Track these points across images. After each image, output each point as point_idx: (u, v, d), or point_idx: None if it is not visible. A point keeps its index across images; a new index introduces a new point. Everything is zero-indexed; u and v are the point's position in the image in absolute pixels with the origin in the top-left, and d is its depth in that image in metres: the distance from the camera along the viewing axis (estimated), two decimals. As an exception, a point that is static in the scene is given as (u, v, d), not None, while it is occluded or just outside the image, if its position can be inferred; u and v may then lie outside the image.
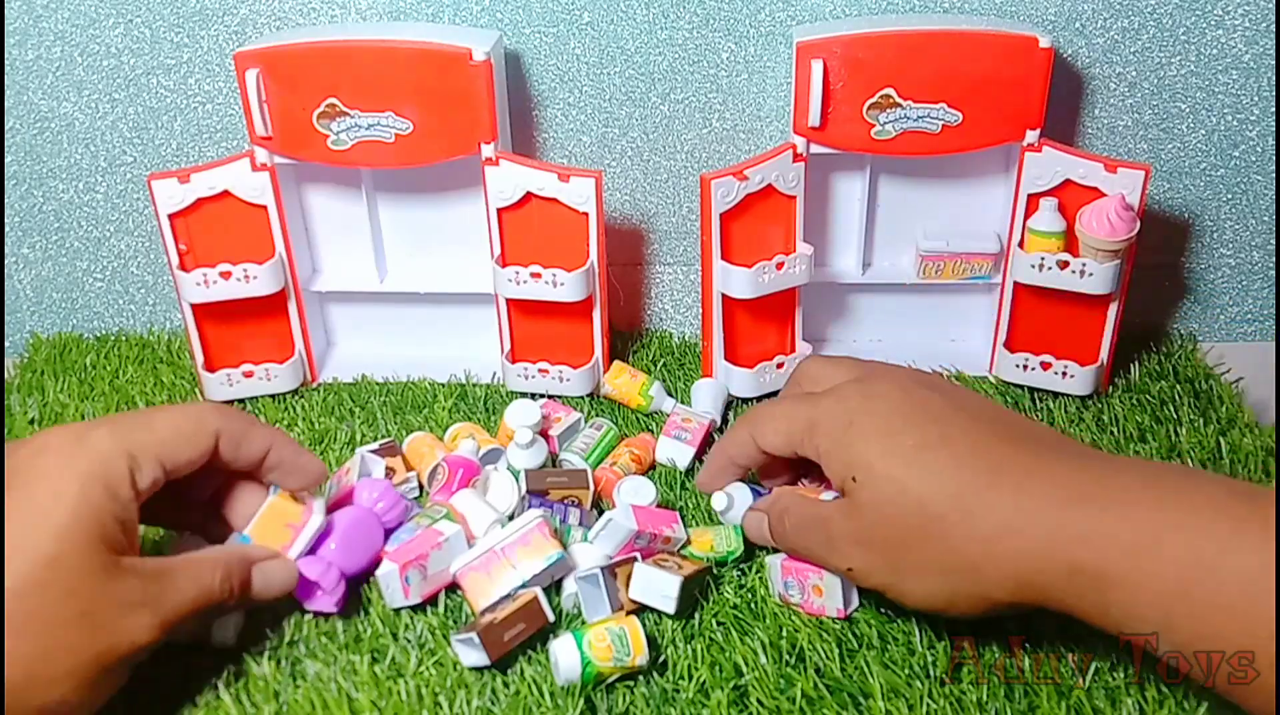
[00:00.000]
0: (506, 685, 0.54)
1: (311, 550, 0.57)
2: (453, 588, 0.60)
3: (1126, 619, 0.46)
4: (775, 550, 0.61)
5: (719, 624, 0.58)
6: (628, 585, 0.57)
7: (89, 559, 0.46)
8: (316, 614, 0.58)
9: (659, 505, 0.66)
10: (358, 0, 0.79)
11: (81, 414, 0.80)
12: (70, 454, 0.48)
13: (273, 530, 0.57)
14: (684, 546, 0.62)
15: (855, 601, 0.58)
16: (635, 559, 0.58)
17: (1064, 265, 0.75)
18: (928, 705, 0.52)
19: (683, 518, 0.64)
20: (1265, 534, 0.43)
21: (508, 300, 0.79)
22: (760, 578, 0.61)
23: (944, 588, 0.50)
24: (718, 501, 0.63)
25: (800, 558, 0.57)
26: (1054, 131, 0.79)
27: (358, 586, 0.60)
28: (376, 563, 0.60)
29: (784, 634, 0.56)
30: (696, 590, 0.59)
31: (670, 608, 0.56)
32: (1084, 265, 0.74)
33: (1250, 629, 0.42)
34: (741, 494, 0.63)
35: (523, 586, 0.57)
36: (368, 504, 0.62)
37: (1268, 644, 0.42)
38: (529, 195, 0.74)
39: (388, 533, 0.62)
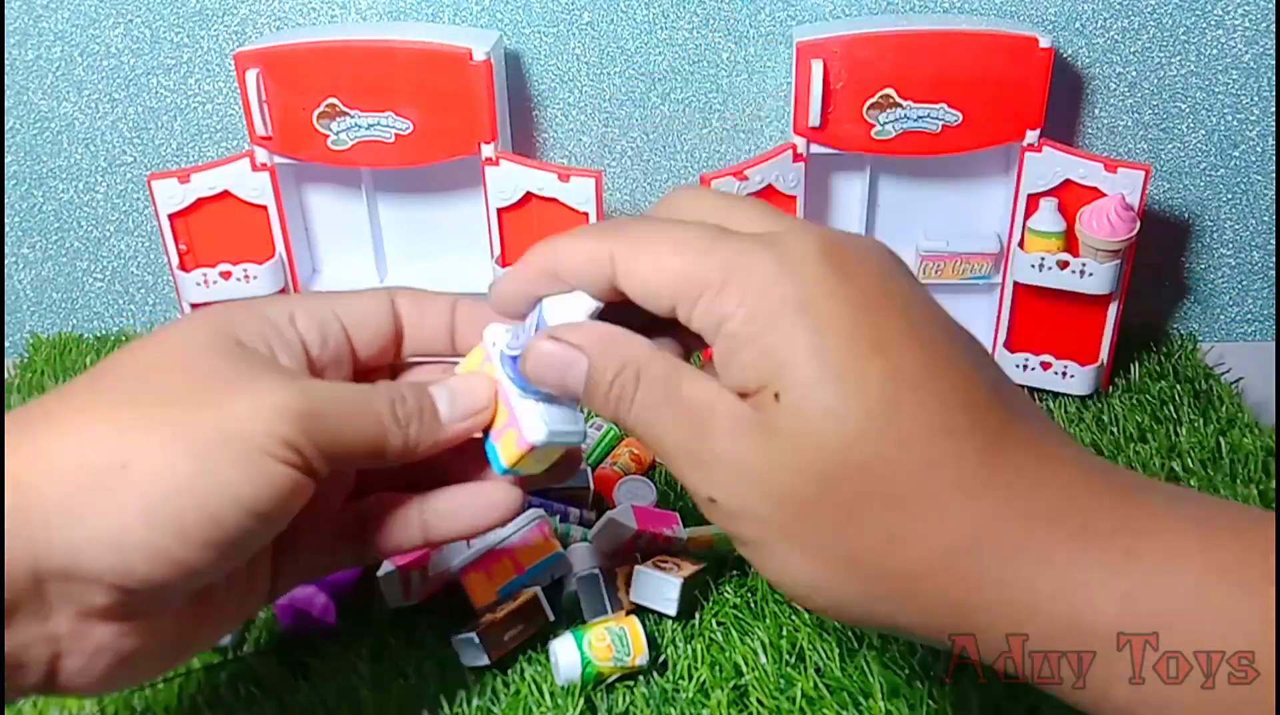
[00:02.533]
0: (506, 685, 0.54)
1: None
2: (453, 588, 0.60)
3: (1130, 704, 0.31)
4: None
5: (719, 624, 0.58)
6: (627, 586, 0.57)
7: (213, 339, 0.37)
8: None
9: (659, 505, 0.66)
10: (358, 0, 0.79)
11: (81, 414, 0.80)
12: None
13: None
14: (684, 547, 0.62)
15: None
16: (635, 560, 0.58)
17: (1064, 265, 0.75)
18: (928, 705, 0.52)
19: (683, 518, 0.64)
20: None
21: (508, 300, 0.79)
22: (759, 579, 0.61)
23: (839, 584, 0.33)
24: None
25: (624, 426, 0.37)
26: (1054, 132, 0.79)
27: (353, 589, 0.60)
28: (360, 572, 0.59)
29: (784, 634, 0.56)
30: (696, 590, 0.59)
31: (671, 610, 0.56)
32: (1084, 265, 0.75)
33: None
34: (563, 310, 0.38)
35: (523, 586, 0.57)
36: None
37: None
38: (529, 195, 0.74)
39: None
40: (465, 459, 0.43)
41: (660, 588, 0.56)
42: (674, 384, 0.35)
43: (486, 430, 0.42)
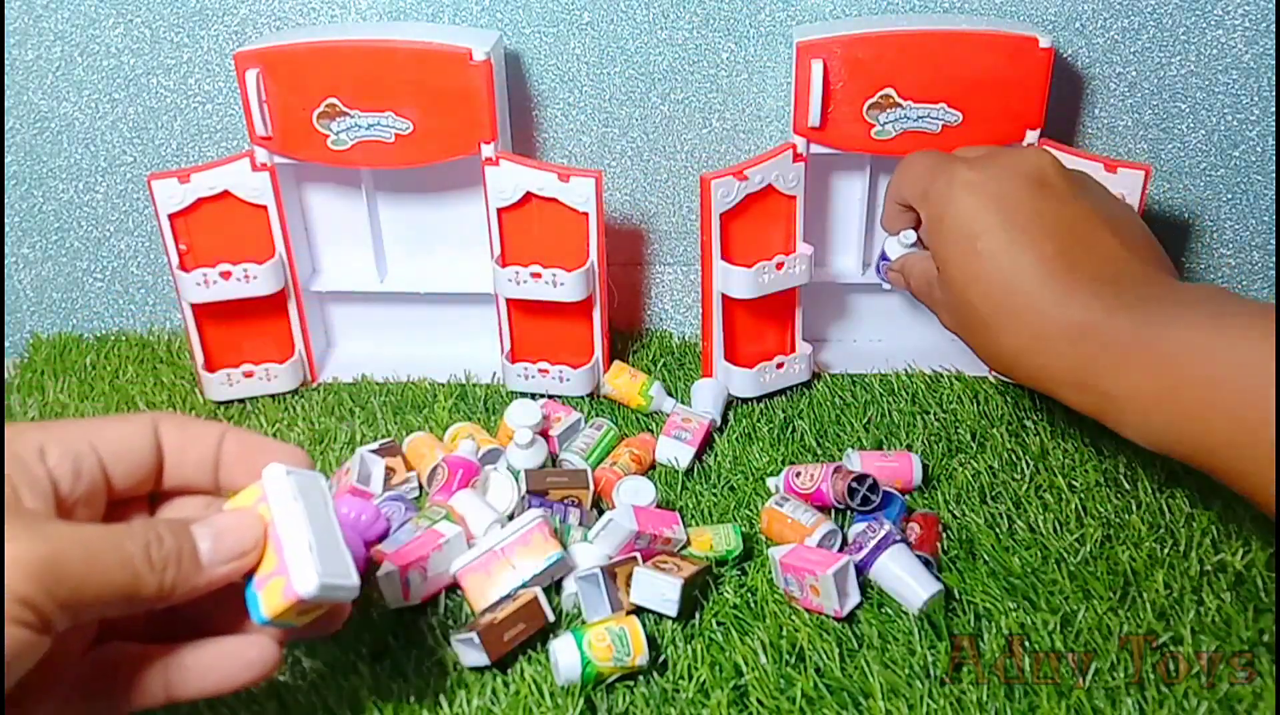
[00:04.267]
0: (506, 685, 0.54)
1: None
2: (453, 588, 0.60)
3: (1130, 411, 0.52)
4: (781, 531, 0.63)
5: (719, 624, 0.58)
6: (628, 586, 0.57)
7: None
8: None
9: (659, 505, 0.66)
10: (358, 0, 0.79)
11: (81, 413, 0.80)
12: None
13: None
14: (684, 547, 0.62)
15: (854, 600, 0.58)
16: (635, 560, 0.58)
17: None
18: (928, 705, 0.52)
19: (683, 518, 0.64)
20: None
21: (508, 300, 0.79)
22: (762, 576, 0.61)
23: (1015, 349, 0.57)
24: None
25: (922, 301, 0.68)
26: (1054, 132, 0.79)
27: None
28: (360, 574, 0.59)
29: (784, 634, 0.56)
30: (696, 590, 0.59)
31: (672, 611, 0.56)
32: (1084, 265, 0.75)
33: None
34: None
35: (523, 586, 0.57)
36: (348, 521, 0.62)
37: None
38: (529, 195, 0.74)
39: (369, 544, 0.62)
40: (224, 605, 0.41)
41: (660, 588, 0.56)
42: (929, 267, 0.68)
43: (250, 574, 0.39)
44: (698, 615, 0.58)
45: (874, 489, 0.64)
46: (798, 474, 0.67)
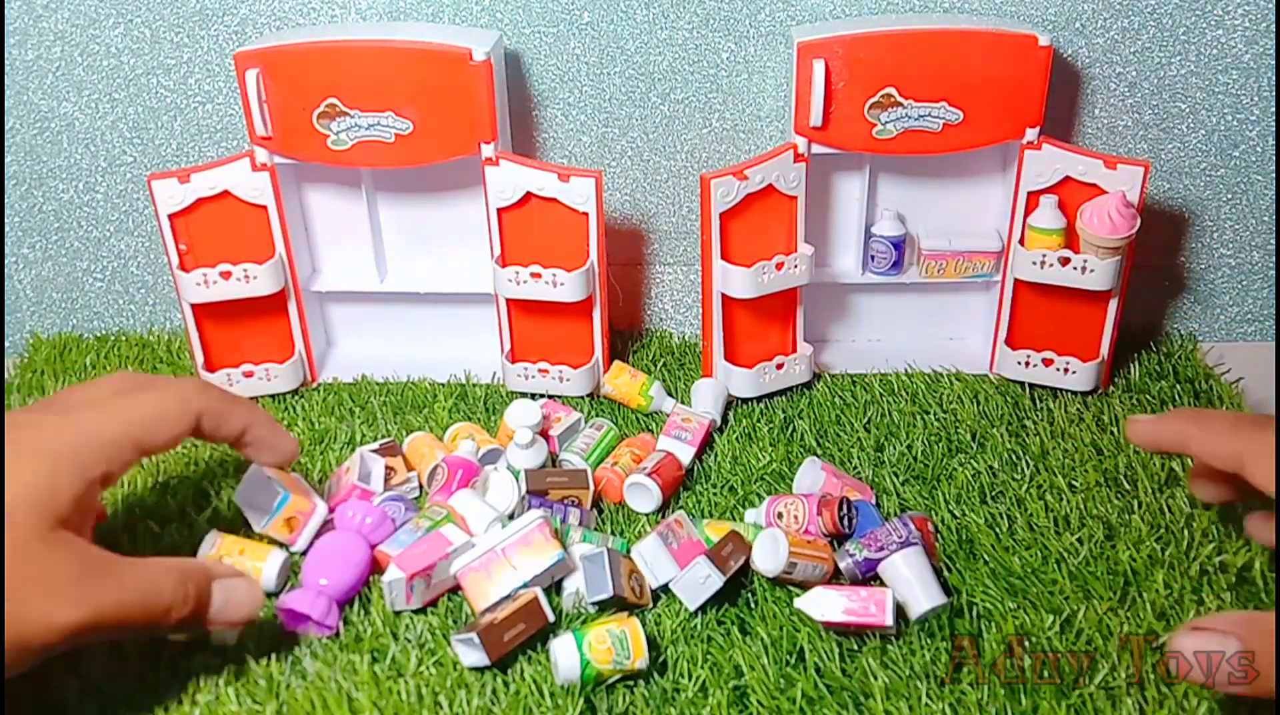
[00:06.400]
0: (506, 685, 0.54)
1: (302, 580, 0.58)
2: (453, 588, 0.60)
3: None
4: None
5: (719, 624, 0.58)
6: (631, 576, 0.57)
7: (31, 522, 0.46)
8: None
9: (662, 506, 0.66)
10: (358, 0, 0.79)
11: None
12: (57, 428, 0.49)
13: (276, 524, 0.61)
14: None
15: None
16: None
17: (1065, 262, 0.75)
18: (928, 705, 0.52)
19: (689, 514, 0.64)
20: None
21: (508, 300, 0.79)
22: (761, 576, 0.61)
23: None
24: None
25: None
26: (1055, 132, 0.79)
27: (349, 599, 0.60)
28: (365, 578, 0.60)
29: (784, 634, 0.56)
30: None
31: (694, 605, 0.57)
32: (1085, 262, 0.75)
33: None
34: None
35: (523, 587, 0.57)
36: (354, 525, 0.62)
37: None
38: (529, 195, 0.74)
39: (374, 546, 0.62)
40: None
41: (701, 586, 0.57)
42: None
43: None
44: (698, 615, 0.58)
45: (853, 510, 0.64)
46: (780, 515, 0.64)
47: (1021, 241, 0.77)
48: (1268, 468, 0.49)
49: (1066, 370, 0.79)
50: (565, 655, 0.53)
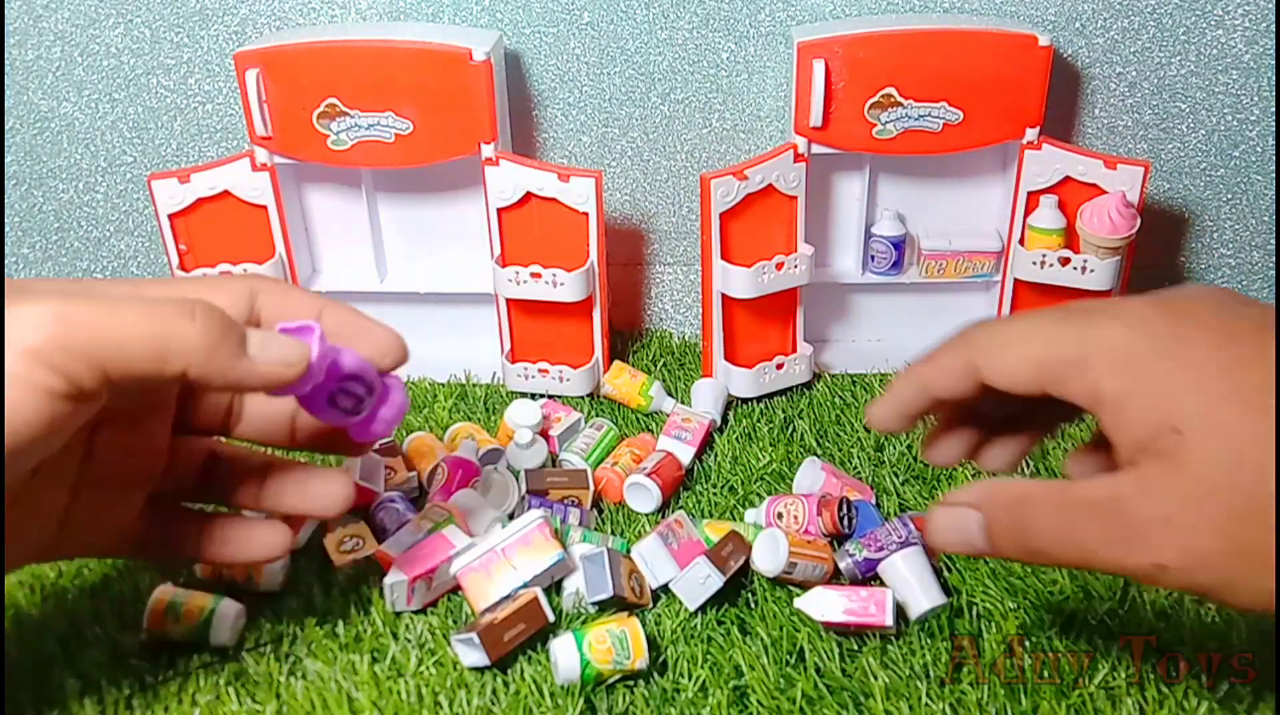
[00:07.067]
0: (506, 685, 0.54)
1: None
2: (453, 588, 0.60)
3: None
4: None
5: (719, 624, 0.58)
6: (631, 576, 0.57)
7: None
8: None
9: (663, 507, 0.66)
10: (358, 0, 0.79)
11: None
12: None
13: None
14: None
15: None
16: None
17: (1065, 262, 0.75)
18: (927, 705, 0.52)
19: (689, 514, 0.64)
20: None
21: (508, 300, 0.79)
22: (761, 575, 0.61)
23: None
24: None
25: (1040, 562, 0.42)
26: (1055, 132, 0.79)
27: (358, 587, 0.60)
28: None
29: (784, 634, 0.56)
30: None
31: (693, 605, 0.57)
32: (1085, 262, 0.75)
33: None
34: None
35: (523, 587, 0.57)
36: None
37: None
38: (529, 195, 0.74)
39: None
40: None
41: (701, 586, 0.57)
42: (1067, 495, 0.38)
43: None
44: (698, 615, 0.58)
45: (853, 510, 0.64)
46: (779, 515, 0.64)
47: (1021, 241, 0.77)
48: (1112, 370, 0.37)
49: (1066, 370, 0.79)
50: (565, 655, 0.53)
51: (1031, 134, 0.74)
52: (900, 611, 0.57)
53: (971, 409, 0.45)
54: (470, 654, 0.55)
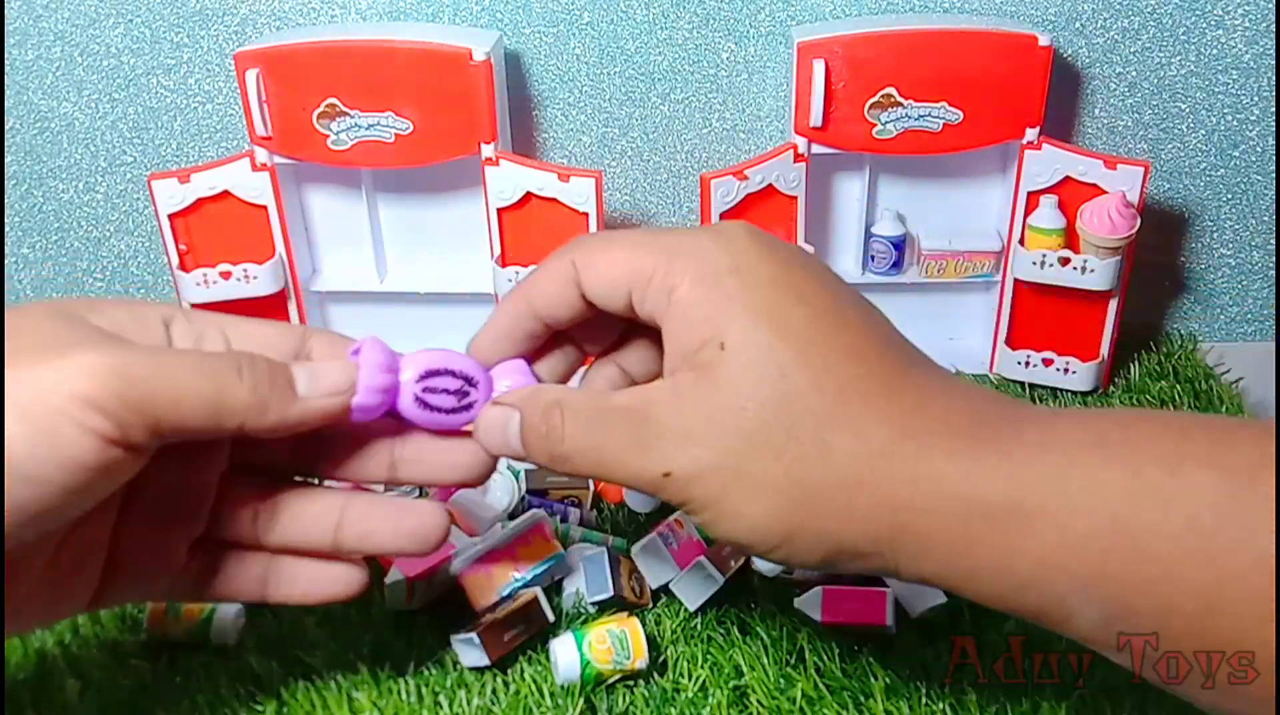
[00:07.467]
0: (506, 685, 0.54)
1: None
2: (453, 588, 0.60)
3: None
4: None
5: (719, 624, 0.58)
6: (631, 576, 0.57)
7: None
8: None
9: (663, 509, 0.66)
10: (358, 0, 0.79)
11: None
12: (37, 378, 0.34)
13: None
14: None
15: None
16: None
17: (1065, 262, 0.75)
18: (927, 705, 0.52)
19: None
20: (1211, 474, 0.32)
21: (508, 300, 0.79)
22: (760, 575, 0.61)
23: (788, 513, 0.35)
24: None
25: (570, 473, 0.39)
26: (1054, 133, 0.79)
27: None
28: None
29: (784, 634, 0.56)
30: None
31: (693, 605, 0.57)
32: (1085, 262, 0.75)
33: (1217, 600, 0.32)
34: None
35: (523, 587, 0.57)
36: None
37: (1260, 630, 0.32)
38: (529, 195, 0.74)
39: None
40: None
41: (701, 586, 0.57)
42: (601, 402, 0.38)
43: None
44: (698, 615, 0.58)
45: None
46: None
47: (1021, 241, 0.77)
48: (689, 277, 0.37)
49: (1066, 370, 0.79)
50: (565, 655, 0.53)
51: (1031, 134, 0.74)
52: (900, 611, 0.57)
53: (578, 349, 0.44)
54: (470, 654, 0.55)
